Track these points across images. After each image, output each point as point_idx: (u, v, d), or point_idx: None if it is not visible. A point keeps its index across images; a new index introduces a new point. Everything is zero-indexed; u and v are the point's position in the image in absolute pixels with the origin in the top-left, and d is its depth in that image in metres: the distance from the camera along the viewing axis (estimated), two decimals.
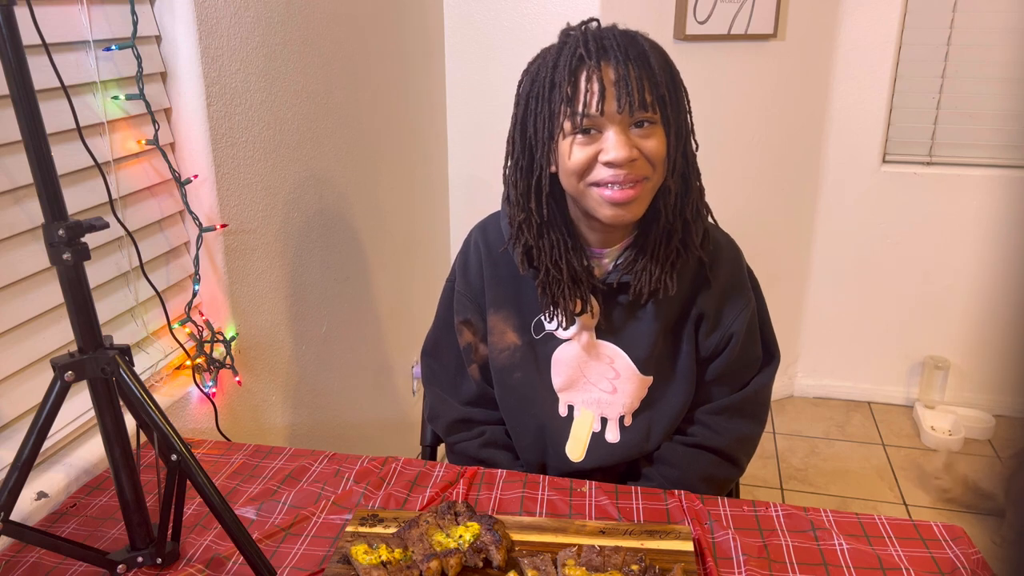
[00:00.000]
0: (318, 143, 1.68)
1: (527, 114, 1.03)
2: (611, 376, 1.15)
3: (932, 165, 2.59)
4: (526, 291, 1.16)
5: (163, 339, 1.34)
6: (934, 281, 2.67)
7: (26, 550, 0.97)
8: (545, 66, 1.01)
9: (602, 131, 0.99)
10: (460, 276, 1.23)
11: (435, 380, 1.28)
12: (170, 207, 1.34)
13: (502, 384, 1.21)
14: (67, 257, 0.83)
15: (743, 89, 2.44)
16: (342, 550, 0.92)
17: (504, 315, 1.18)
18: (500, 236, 1.17)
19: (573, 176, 1.02)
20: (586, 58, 0.98)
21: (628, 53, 0.98)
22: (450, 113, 2.47)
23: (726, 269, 1.15)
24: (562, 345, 1.16)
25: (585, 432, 1.17)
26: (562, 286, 1.09)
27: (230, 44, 1.36)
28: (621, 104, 0.97)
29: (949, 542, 0.96)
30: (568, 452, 1.17)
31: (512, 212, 1.09)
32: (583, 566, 0.87)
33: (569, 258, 1.08)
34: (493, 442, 1.24)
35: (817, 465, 2.50)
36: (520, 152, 1.05)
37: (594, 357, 1.15)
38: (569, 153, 1.01)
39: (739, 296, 1.16)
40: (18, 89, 0.79)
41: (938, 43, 2.47)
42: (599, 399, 1.16)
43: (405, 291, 2.19)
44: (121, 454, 0.91)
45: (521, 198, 1.07)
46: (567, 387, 1.17)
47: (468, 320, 1.22)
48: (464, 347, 1.24)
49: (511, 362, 1.19)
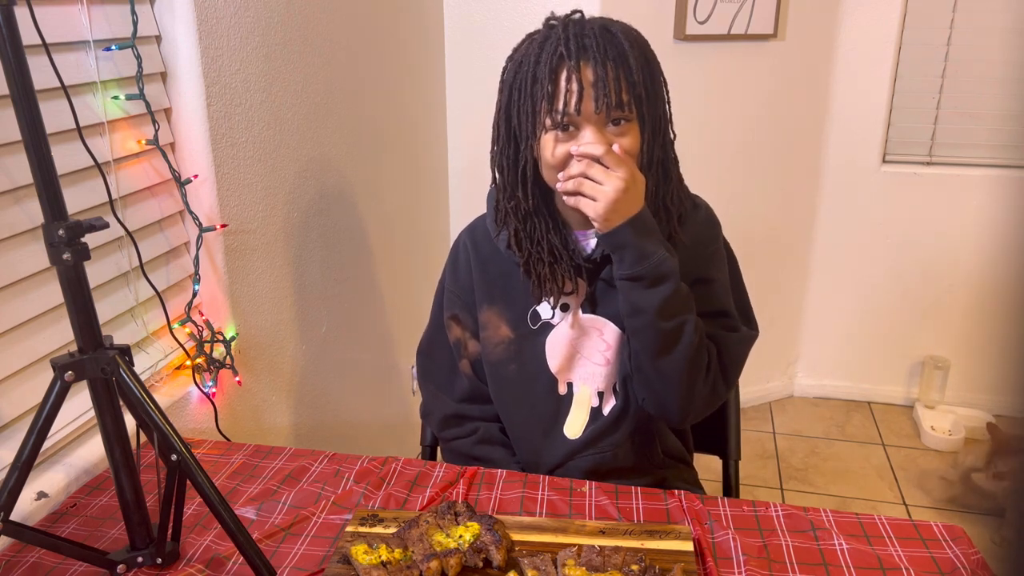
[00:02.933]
0: (318, 143, 1.68)
1: (511, 103, 1.07)
2: (603, 348, 1.16)
3: (932, 165, 2.59)
4: (516, 285, 1.18)
5: (163, 339, 1.34)
6: (934, 281, 2.67)
7: (26, 550, 0.97)
8: (528, 59, 1.04)
9: (579, 128, 1.03)
10: (449, 276, 1.26)
11: (429, 377, 1.30)
12: (170, 207, 1.34)
13: (497, 378, 1.22)
14: (67, 257, 0.83)
15: (743, 89, 2.44)
16: (342, 550, 0.92)
17: (497, 310, 1.20)
18: (486, 236, 1.20)
19: (551, 169, 1.05)
20: (566, 57, 1.01)
21: (607, 52, 1.00)
22: (450, 113, 2.47)
23: (703, 235, 1.15)
24: (554, 329, 1.17)
25: (584, 409, 1.19)
26: (545, 266, 1.11)
27: (230, 44, 1.36)
28: (598, 104, 1.00)
29: (949, 542, 0.96)
30: (567, 431, 1.19)
31: (499, 196, 1.12)
32: (583, 566, 0.87)
33: (551, 238, 1.11)
34: (488, 439, 1.24)
35: (817, 465, 2.50)
36: (505, 140, 1.09)
37: (584, 333, 1.17)
38: (548, 148, 1.04)
39: (714, 254, 1.16)
40: (18, 89, 0.79)
41: (938, 43, 2.47)
42: (594, 372, 1.18)
43: (405, 291, 2.19)
44: (121, 454, 0.91)
45: (508, 185, 1.10)
46: (564, 367, 1.18)
47: (456, 315, 1.25)
48: (454, 342, 1.25)
49: (506, 355, 1.20)
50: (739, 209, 2.52)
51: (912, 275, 2.69)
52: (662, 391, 1.10)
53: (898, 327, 2.75)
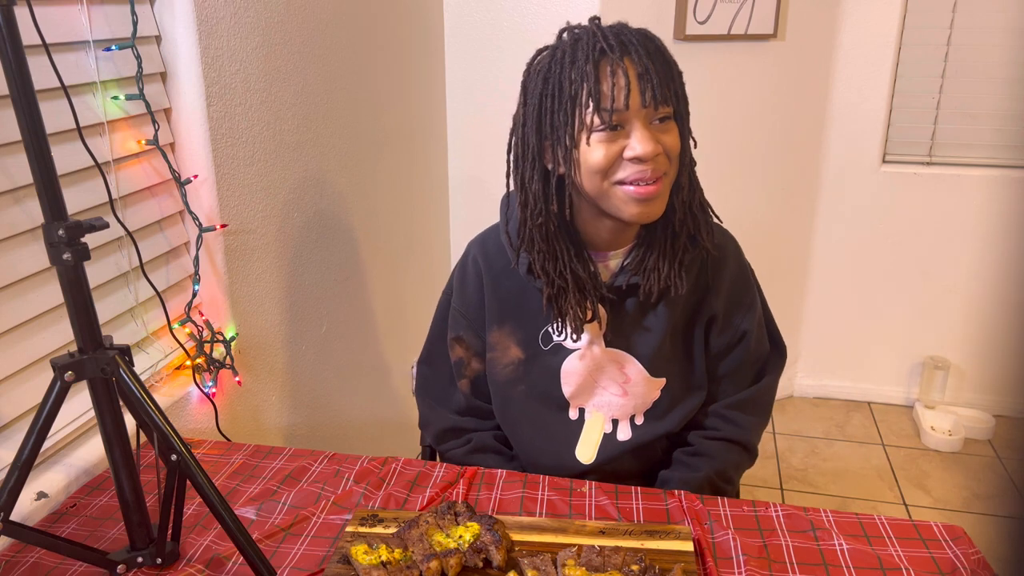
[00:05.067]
0: (318, 143, 1.68)
1: (542, 113, 1.01)
2: (621, 381, 1.15)
3: (932, 165, 2.59)
4: (530, 304, 1.15)
5: (163, 339, 1.34)
6: (934, 281, 2.67)
7: (26, 550, 0.97)
8: (559, 63, 0.99)
9: (626, 127, 0.98)
10: (457, 292, 1.22)
11: (428, 390, 1.28)
12: (170, 207, 1.34)
13: (503, 398, 1.21)
14: (67, 257, 0.83)
15: (743, 89, 2.44)
16: (342, 550, 0.92)
17: (508, 330, 1.17)
18: (500, 250, 1.16)
19: (597, 175, 1.00)
20: (608, 52, 0.96)
21: (647, 48, 0.98)
22: (450, 113, 2.47)
23: (731, 268, 1.16)
24: (571, 356, 1.15)
25: (596, 434, 1.17)
26: (568, 296, 1.07)
27: (230, 44, 1.36)
28: (646, 98, 0.96)
29: (949, 542, 0.96)
30: (579, 454, 1.17)
31: (526, 215, 1.06)
32: (583, 566, 0.87)
33: (575, 267, 1.07)
34: (480, 448, 1.23)
35: (817, 465, 2.50)
36: (536, 153, 1.03)
37: (604, 365, 1.15)
38: (596, 151, 0.99)
39: (745, 293, 1.17)
40: (18, 89, 0.79)
41: (938, 43, 2.47)
42: (610, 402, 1.16)
43: (405, 291, 2.19)
44: (121, 454, 0.91)
45: (538, 201, 1.04)
46: (578, 395, 1.17)
47: (460, 337, 1.22)
48: (455, 361, 1.23)
49: (514, 376, 1.18)
50: (739, 209, 2.51)
51: (912, 275, 2.68)
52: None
53: (898, 327, 2.75)
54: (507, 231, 1.13)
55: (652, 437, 1.17)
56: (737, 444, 1.17)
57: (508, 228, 1.13)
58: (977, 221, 2.57)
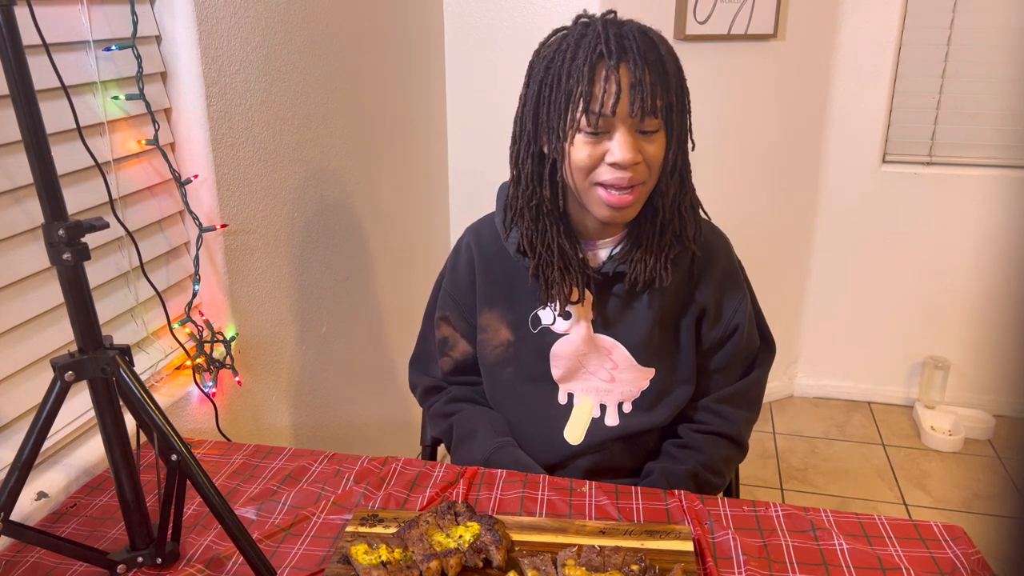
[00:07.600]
0: (318, 143, 1.68)
1: (540, 100, 1.03)
2: (609, 367, 1.17)
3: (932, 165, 2.59)
4: (520, 288, 1.17)
5: (163, 339, 1.34)
6: (934, 281, 2.67)
7: (26, 550, 0.97)
8: (562, 54, 1.00)
9: (610, 132, 1.00)
10: (449, 275, 1.27)
11: (419, 361, 1.35)
12: (170, 207, 1.34)
13: (493, 379, 1.23)
14: (67, 257, 0.83)
15: (743, 89, 2.44)
16: (342, 550, 0.92)
17: (498, 312, 1.20)
18: (493, 237, 1.19)
19: (580, 172, 1.03)
20: (606, 56, 0.98)
21: (647, 57, 0.98)
22: (450, 112, 2.47)
23: (721, 263, 1.17)
24: (560, 339, 1.17)
25: (585, 417, 1.19)
26: (554, 270, 1.10)
27: (230, 44, 1.36)
28: (634, 108, 0.98)
29: (949, 542, 0.96)
30: (567, 435, 1.19)
31: (517, 192, 1.09)
32: (583, 566, 0.87)
33: (561, 242, 1.10)
34: (457, 398, 1.27)
35: (817, 465, 2.50)
36: (531, 136, 1.06)
37: (592, 349, 1.17)
38: (580, 150, 1.01)
39: (736, 288, 1.18)
40: (18, 89, 0.79)
41: (938, 43, 2.47)
42: (598, 387, 1.18)
43: (405, 291, 2.19)
44: (121, 454, 0.91)
45: (531, 182, 1.07)
46: (567, 378, 1.19)
47: (446, 316, 1.26)
48: (440, 340, 1.27)
49: (504, 358, 1.21)
50: (739, 209, 2.52)
51: (912, 275, 2.68)
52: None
53: (898, 327, 2.75)
54: (502, 216, 1.16)
55: (640, 428, 1.18)
56: (725, 438, 1.19)
57: (504, 214, 1.16)
58: (977, 221, 2.57)
